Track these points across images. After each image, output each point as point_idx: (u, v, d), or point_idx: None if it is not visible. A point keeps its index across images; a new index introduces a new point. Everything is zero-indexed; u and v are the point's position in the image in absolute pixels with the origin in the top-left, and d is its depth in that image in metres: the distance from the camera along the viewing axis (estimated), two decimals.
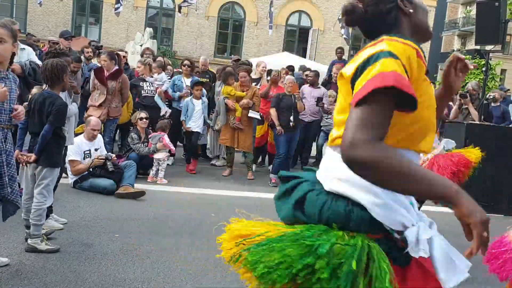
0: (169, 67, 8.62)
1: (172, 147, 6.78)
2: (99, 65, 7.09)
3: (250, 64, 8.37)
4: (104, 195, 5.54)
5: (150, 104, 7.41)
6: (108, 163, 5.67)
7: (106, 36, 20.72)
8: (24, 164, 3.80)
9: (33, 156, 3.70)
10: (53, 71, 3.77)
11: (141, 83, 7.51)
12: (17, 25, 5.44)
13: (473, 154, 4.31)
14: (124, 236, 4.20)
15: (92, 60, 8.21)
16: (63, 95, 4.28)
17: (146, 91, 7.46)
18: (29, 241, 3.67)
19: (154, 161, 6.58)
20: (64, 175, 5.39)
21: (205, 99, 7.78)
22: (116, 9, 17.22)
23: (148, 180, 6.47)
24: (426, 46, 22.37)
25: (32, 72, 5.29)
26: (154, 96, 7.49)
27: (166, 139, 6.65)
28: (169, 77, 8.32)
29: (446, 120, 7.88)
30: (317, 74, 8.77)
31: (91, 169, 5.71)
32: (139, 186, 5.90)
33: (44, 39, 7.78)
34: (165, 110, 7.48)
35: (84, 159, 5.78)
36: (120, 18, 19.41)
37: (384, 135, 1.28)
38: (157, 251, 3.91)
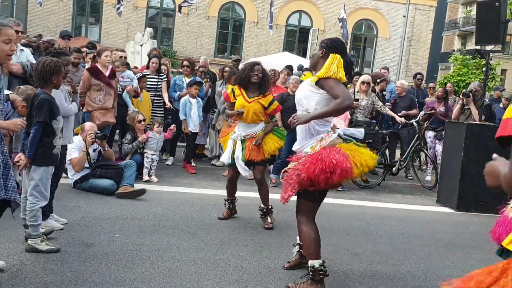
0: (163, 67, 8.47)
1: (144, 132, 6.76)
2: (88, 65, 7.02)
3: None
4: (104, 195, 5.54)
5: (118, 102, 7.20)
6: (98, 135, 5.62)
7: (106, 36, 20.72)
8: (18, 167, 3.78)
9: (24, 160, 3.65)
10: (42, 71, 3.70)
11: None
12: (21, 26, 5.45)
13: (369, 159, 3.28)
14: (125, 236, 4.21)
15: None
16: (62, 94, 4.27)
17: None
18: (29, 241, 3.67)
19: (145, 158, 6.60)
20: (64, 175, 5.39)
21: (199, 98, 7.77)
22: (117, 9, 17.24)
23: (143, 180, 6.43)
24: (427, 46, 22.37)
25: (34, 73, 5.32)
26: (121, 94, 7.34)
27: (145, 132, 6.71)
28: (165, 77, 8.24)
29: (447, 121, 7.88)
30: None
31: (91, 169, 5.69)
32: (139, 186, 5.89)
33: (43, 40, 7.82)
34: (132, 109, 7.35)
35: None
36: (120, 18, 19.41)
37: None
38: (157, 251, 3.91)
